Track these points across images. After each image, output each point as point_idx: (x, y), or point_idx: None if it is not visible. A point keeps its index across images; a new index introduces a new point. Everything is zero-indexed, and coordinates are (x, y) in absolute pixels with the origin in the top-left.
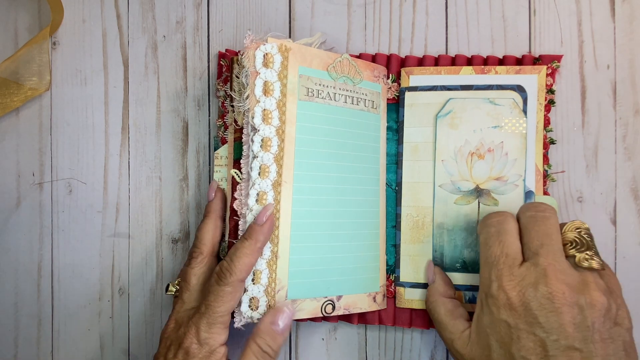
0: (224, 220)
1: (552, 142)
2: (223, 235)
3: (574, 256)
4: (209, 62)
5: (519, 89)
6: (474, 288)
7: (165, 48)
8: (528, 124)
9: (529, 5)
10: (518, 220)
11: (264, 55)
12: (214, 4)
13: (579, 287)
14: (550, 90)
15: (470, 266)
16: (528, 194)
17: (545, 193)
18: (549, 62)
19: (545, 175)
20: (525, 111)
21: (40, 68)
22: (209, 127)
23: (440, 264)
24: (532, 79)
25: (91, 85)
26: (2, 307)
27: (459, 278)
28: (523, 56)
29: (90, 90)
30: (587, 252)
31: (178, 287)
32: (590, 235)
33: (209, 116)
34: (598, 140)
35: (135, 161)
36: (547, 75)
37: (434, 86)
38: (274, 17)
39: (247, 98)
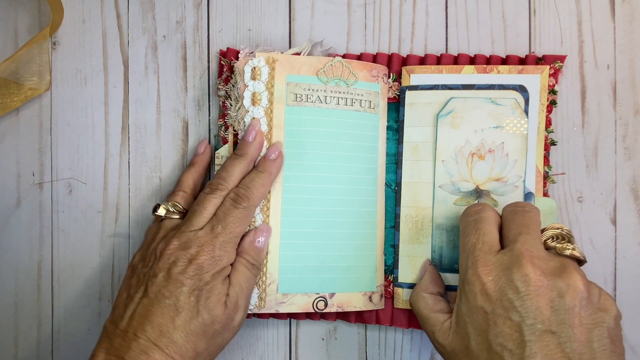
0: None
1: (553, 143)
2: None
3: (555, 247)
4: (209, 62)
5: (521, 89)
6: None
7: (165, 48)
8: (529, 124)
9: (529, 5)
10: (501, 217)
11: (252, 69)
12: (214, 4)
13: (557, 271)
14: (553, 91)
15: None
16: (528, 195)
17: (545, 195)
18: (552, 62)
19: (546, 177)
20: (526, 111)
21: (40, 68)
22: (209, 127)
23: (438, 264)
24: (535, 79)
25: (91, 85)
26: (2, 307)
27: (456, 278)
28: (526, 56)
29: (90, 90)
30: (569, 243)
31: (172, 210)
32: (571, 234)
33: (209, 116)
34: (598, 140)
35: (135, 161)
36: (550, 75)
37: (435, 85)
38: (274, 17)
39: (239, 109)
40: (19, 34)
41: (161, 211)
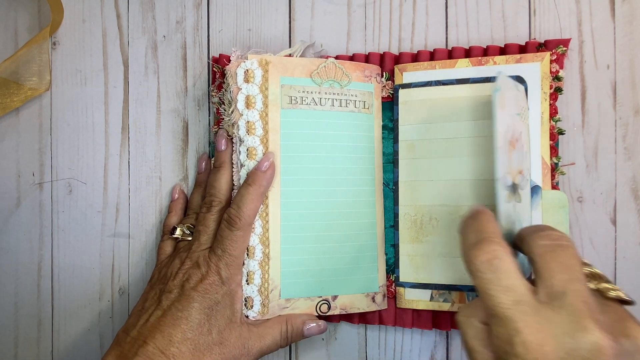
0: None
1: (561, 132)
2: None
3: (597, 289)
4: (209, 62)
5: (518, 80)
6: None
7: (165, 48)
8: (531, 115)
9: (529, 5)
10: (520, 243)
11: (244, 72)
12: (214, 4)
13: (618, 327)
14: (557, 77)
15: None
16: (534, 190)
17: (554, 188)
18: (554, 47)
19: (554, 169)
20: (526, 102)
21: (40, 68)
22: (209, 127)
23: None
24: (534, 67)
25: (91, 85)
26: (2, 307)
27: (462, 278)
28: (526, 43)
29: (90, 90)
30: (607, 283)
31: (188, 232)
32: (598, 271)
33: (209, 116)
34: (598, 140)
35: (135, 161)
36: (552, 61)
37: (429, 82)
38: (274, 17)
39: (232, 112)
40: (19, 34)
41: (178, 232)
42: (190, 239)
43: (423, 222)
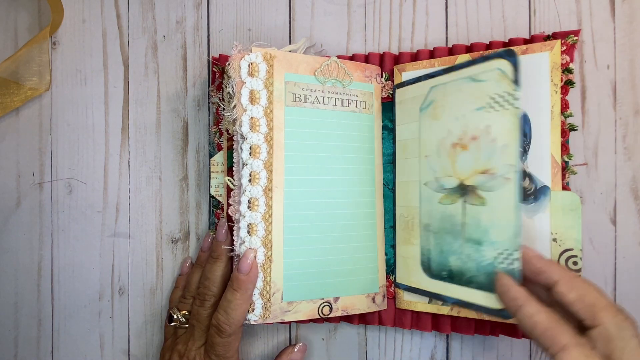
0: (231, 258)
1: (573, 128)
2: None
3: None
4: (209, 62)
5: (508, 54)
6: (461, 302)
7: (165, 48)
8: (540, 108)
9: (529, 5)
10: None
11: (248, 65)
12: (214, 4)
13: None
14: (567, 70)
15: (457, 277)
16: (541, 190)
17: (565, 188)
18: (564, 37)
19: (565, 168)
20: (516, 81)
21: (40, 68)
22: (209, 127)
23: (427, 269)
24: (543, 57)
25: (91, 85)
26: (2, 307)
27: (445, 288)
28: (532, 36)
29: (90, 90)
30: None
31: (184, 319)
32: None
33: (209, 116)
34: (598, 140)
35: (135, 161)
36: (563, 52)
37: (419, 77)
38: (274, 17)
39: (234, 107)
40: (19, 34)
41: (175, 321)
42: (186, 326)
43: (414, 224)
